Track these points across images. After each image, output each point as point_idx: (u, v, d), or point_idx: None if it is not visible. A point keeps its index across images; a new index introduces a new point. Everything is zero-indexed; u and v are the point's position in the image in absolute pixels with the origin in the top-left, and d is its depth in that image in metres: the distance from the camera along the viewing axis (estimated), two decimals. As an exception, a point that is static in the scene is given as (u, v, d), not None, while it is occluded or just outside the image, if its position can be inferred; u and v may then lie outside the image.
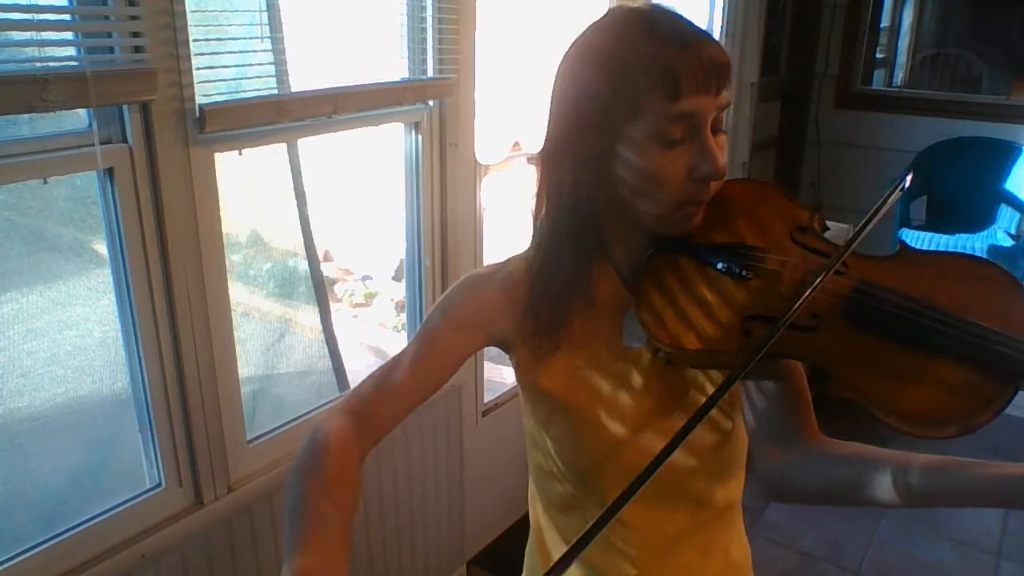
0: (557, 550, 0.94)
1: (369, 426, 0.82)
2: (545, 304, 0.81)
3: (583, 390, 0.83)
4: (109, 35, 1.20)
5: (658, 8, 0.75)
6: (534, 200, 0.84)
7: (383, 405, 0.83)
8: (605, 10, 0.78)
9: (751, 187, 0.81)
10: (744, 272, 0.74)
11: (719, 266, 0.75)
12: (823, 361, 0.68)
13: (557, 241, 0.81)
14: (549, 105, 0.80)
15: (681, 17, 0.74)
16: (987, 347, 0.63)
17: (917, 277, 0.70)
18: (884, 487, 0.71)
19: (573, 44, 0.78)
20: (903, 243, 0.75)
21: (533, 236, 0.85)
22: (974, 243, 3.30)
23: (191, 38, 1.28)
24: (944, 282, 0.69)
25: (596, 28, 0.76)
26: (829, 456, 0.79)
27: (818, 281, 0.68)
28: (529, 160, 2.25)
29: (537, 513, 0.97)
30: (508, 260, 0.88)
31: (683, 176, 0.73)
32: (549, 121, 0.80)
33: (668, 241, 0.78)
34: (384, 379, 0.85)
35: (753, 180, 0.83)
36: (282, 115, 1.45)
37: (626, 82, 0.71)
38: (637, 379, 0.82)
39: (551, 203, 0.81)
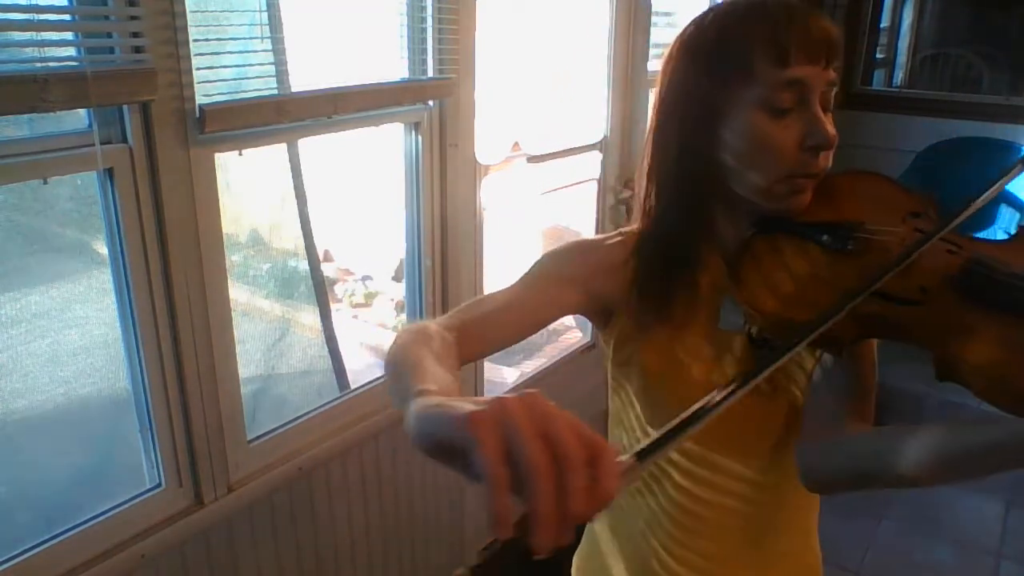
0: (604, 536, 0.94)
1: (465, 348, 0.75)
2: (653, 283, 0.81)
3: (677, 370, 0.82)
4: (109, 35, 1.20)
5: None
6: (642, 178, 0.84)
7: (479, 327, 0.78)
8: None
9: (861, 175, 0.81)
10: (849, 244, 0.73)
11: (823, 238, 0.74)
12: (926, 338, 0.67)
13: (663, 224, 0.81)
14: (662, 73, 0.81)
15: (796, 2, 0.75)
16: None
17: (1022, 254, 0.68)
18: (913, 451, 0.68)
19: (691, 22, 0.79)
20: (1022, 227, 0.73)
21: (642, 216, 0.85)
22: (974, 243, 3.30)
23: (191, 38, 1.28)
24: None
25: (708, 9, 0.78)
26: (865, 433, 0.77)
27: (933, 238, 0.66)
28: (530, 160, 2.25)
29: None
30: (617, 231, 0.88)
31: (793, 145, 0.73)
32: (660, 90, 0.81)
33: (772, 221, 0.77)
34: (479, 307, 0.80)
35: (863, 171, 0.82)
36: (282, 115, 1.45)
37: (736, 51, 0.73)
38: (730, 364, 0.82)
39: (658, 189, 0.82)
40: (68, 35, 1.19)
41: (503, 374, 2.67)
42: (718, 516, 0.85)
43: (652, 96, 0.84)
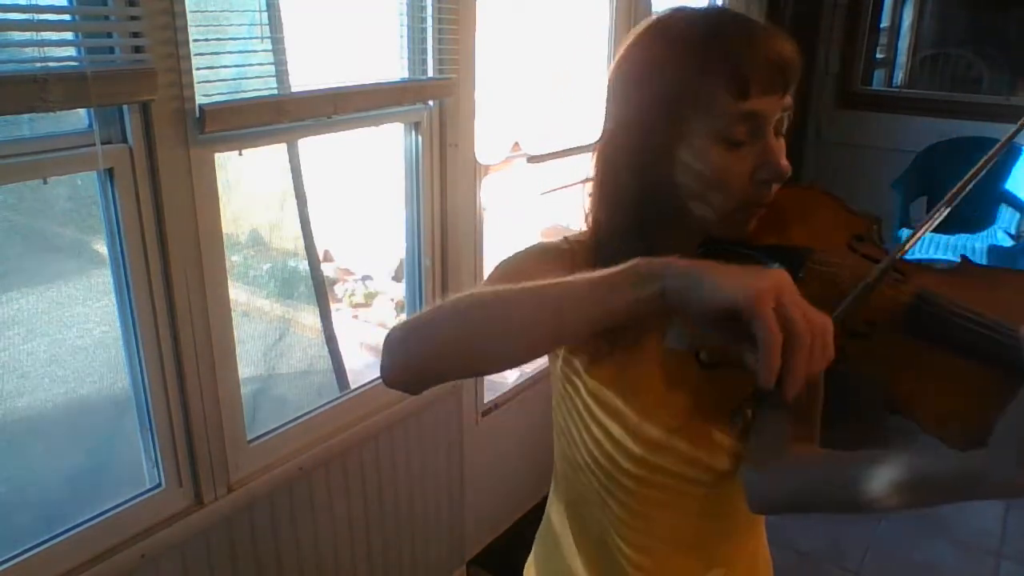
0: (566, 540, 0.94)
1: None
2: None
3: (625, 389, 0.82)
4: (109, 35, 1.20)
5: (727, 9, 0.75)
6: (589, 196, 0.82)
7: None
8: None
9: (806, 193, 0.80)
10: (800, 274, 0.71)
11: (775, 265, 0.72)
12: (873, 370, 0.66)
13: (612, 235, 0.79)
14: (608, 95, 0.78)
15: (750, 20, 0.73)
16: (1010, 345, 0.60)
17: (975, 288, 0.68)
18: (861, 481, 0.67)
19: (641, 35, 0.76)
20: (964, 257, 0.73)
21: (586, 223, 0.84)
22: (974, 243, 3.30)
23: (191, 38, 1.28)
24: (1001, 294, 0.67)
25: (667, 21, 0.74)
26: (813, 459, 0.77)
27: (885, 263, 0.66)
28: (530, 160, 2.25)
29: (552, 501, 0.98)
30: (565, 240, 0.86)
31: (746, 178, 0.72)
32: (608, 113, 0.79)
33: (719, 242, 0.76)
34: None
35: (808, 186, 0.81)
36: (282, 115, 1.45)
37: (696, 77, 0.70)
38: (679, 383, 0.81)
39: (607, 201, 0.80)
40: (68, 35, 1.18)
41: (503, 374, 2.67)
42: (671, 516, 0.86)
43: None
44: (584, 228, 0.85)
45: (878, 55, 4.00)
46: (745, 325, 0.55)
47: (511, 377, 2.58)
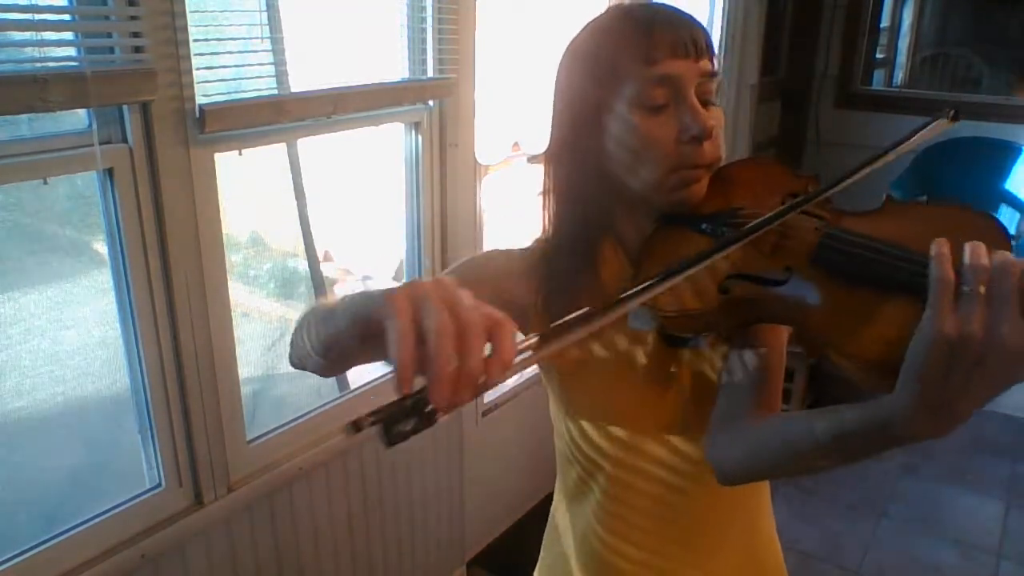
0: (568, 539, 0.95)
1: None
2: (554, 289, 0.83)
3: (590, 371, 0.84)
4: (109, 35, 1.20)
5: (642, 2, 0.79)
6: (541, 198, 0.86)
7: None
8: (604, 7, 0.81)
9: (753, 163, 0.82)
10: (724, 230, 0.74)
11: (703, 226, 0.76)
12: (796, 317, 0.66)
13: (566, 233, 0.83)
14: (552, 108, 0.84)
15: (661, 4, 0.78)
16: (921, 273, 0.57)
17: (891, 223, 0.68)
18: (792, 438, 0.68)
19: (565, 47, 0.82)
20: (889, 196, 0.72)
21: (544, 231, 0.87)
22: (974, 243, 3.29)
23: (191, 38, 1.28)
24: (917, 225, 0.66)
25: (581, 29, 0.81)
26: (756, 423, 0.77)
27: (787, 207, 0.67)
28: (530, 160, 2.25)
29: (555, 501, 1.00)
30: (523, 248, 0.90)
31: (672, 140, 0.75)
32: (551, 122, 0.84)
33: (669, 217, 0.79)
34: None
35: (758, 157, 0.84)
36: (282, 115, 1.45)
37: (605, 60, 0.76)
38: (642, 359, 0.83)
39: (558, 198, 0.84)
40: (68, 35, 1.18)
41: (503, 374, 2.67)
42: (651, 506, 0.87)
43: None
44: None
45: (878, 55, 3.99)
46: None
47: (511, 377, 2.58)
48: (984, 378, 0.52)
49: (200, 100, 1.32)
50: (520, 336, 0.53)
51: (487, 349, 0.48)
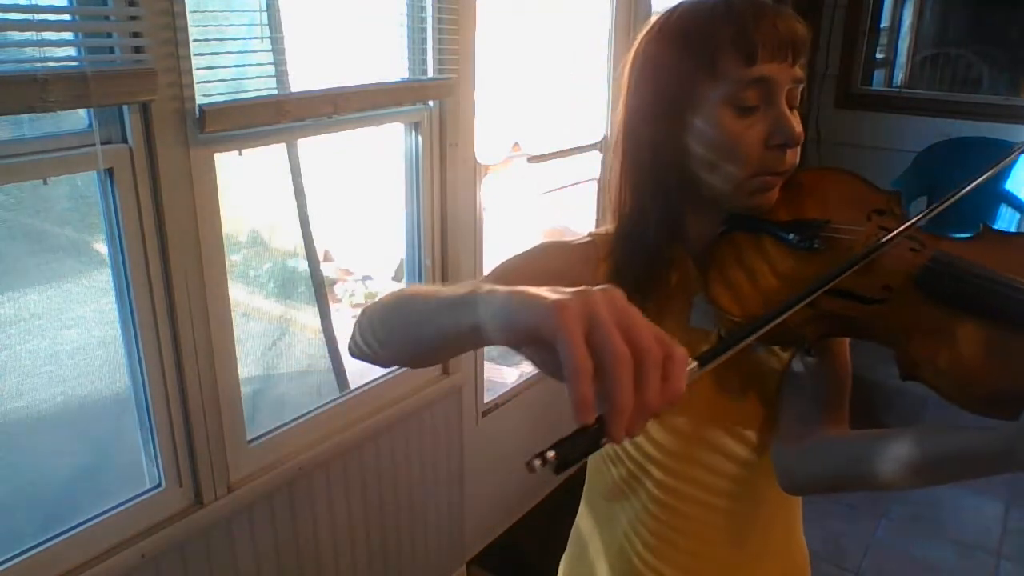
0: (593, 542, 0.94)
1: None
2: (626, 282, 0.80)
3: None
4: (109, 35, 1.20)
5: None
6: (610, 179, 0.83)
7: None
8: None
9: (827, 172, 0.81)
10: (816, 243, 0.73)
11: (790, 237, 0.74)
12: (890, 337, 0.66)
13: (635, 225, 0.81)
14: (625, 82, 0.80)
15: None
16: None
17: (995, 252, 0.67)
18: (886, 458, 0.67)
19: (650, 27, 0.79)
20: (986, 225, 0.72)
21: (614, 218, 0.84)
22: (974, 243, 3.29)
23: (191, 38, 1.28)
24: (1019, 255, 0.66)
25: (672, 8, 0.77)
26: (841, 438, 0.76)
27: (894, 235, 0.65)
28: (530, 160, 2.25)
29: (584, 500, 0.97)
30: (589, 236, 0.87)
31: (759, 144, 0.73)
32: (624, 100, 0.80)
33: (740, 219, 0.77)
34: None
35: (831, 167, 0.82)
36: (282, 115, 1.45)
37: (702, 49, 0.72)
38: (718, 372, 0.80)
39: (628, 190, 0.81)
40: (68, 35, 1.18)
41: (503, 374, 2.67)
42: (699, 513, 0.86)
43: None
44: (607, 225, 0.86)
45: (878, 55, 3.99)
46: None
47: (511, 377, 2.58)
48: None
49: (200, 100, 1.32)
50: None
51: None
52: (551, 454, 0.41)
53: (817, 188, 0.78)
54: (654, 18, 0.79)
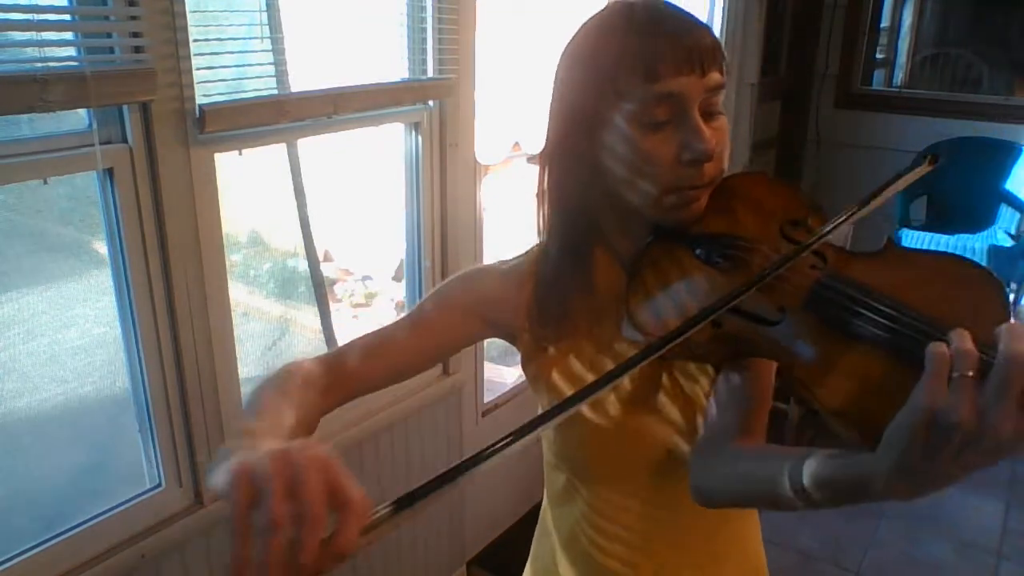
0: (558, 537, 0.95)
1: (340, 380, 0.79)
2: (547, 294, 0.83)
3: (573, 379, 0.83)
4: (109, 35, 1.20)
5: (643, 1, 0.75)
6: (536, 200, 0.84)
7: (364, 366, 0.81)
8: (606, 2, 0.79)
9: (754, 179, 0.79)
10: (718, 259, 0.72)
11: (696, 252, 0.74)
12: (785, 358, 0.64)
13: (558, 238, 0.82)
14: (549, 108, 0.81)
15: (668, 5, 0.73)
16: (912, 336, 0.56)
17: (889, 272, 0.65)
18: (769, 479, 0.64)
19: (565, 46, 0.79)
20: (890, 239, 0.70)
21: (539, 234, 0.86)
22: (974, 243, 3.30)
23: (191, 38, 1.28)
24: (915, 278, 0.64)
25: (582, 27, 0.77)
26: (741, 453, 0.74)
27: (782, 260, 0.64)
28: (529, 160, 2.25)
29: (544, 502, 0.99)
30: (517, 257, 0.89)
31: (672, 159, 0.71)
32: (548, 124, 0.81)
33: (662, 231, 0.77)
34: (369, 345, 0.83)
35: (759, 172, 0.81)
36: (282, 115, 1.45)
37: (606, 71, 0.72)
38: (632, 376, 0.80)
39: (552, 202, 0.82)
40: (68, 35, 1.18)
41: (503, 374, 2.67)
42: (633, 520, 0.86)
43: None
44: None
45: (878, 55, 4.00)
46: None
47: (511, 377, 2.58)
48: (973, 455, 0.49)
49: (200, 100, 1.32)
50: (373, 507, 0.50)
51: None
52: None
53: (742, 194, 0.77)
54: (579, 27, 0.79)
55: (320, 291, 2.10)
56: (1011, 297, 3.20)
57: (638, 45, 0.70)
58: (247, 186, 1.81)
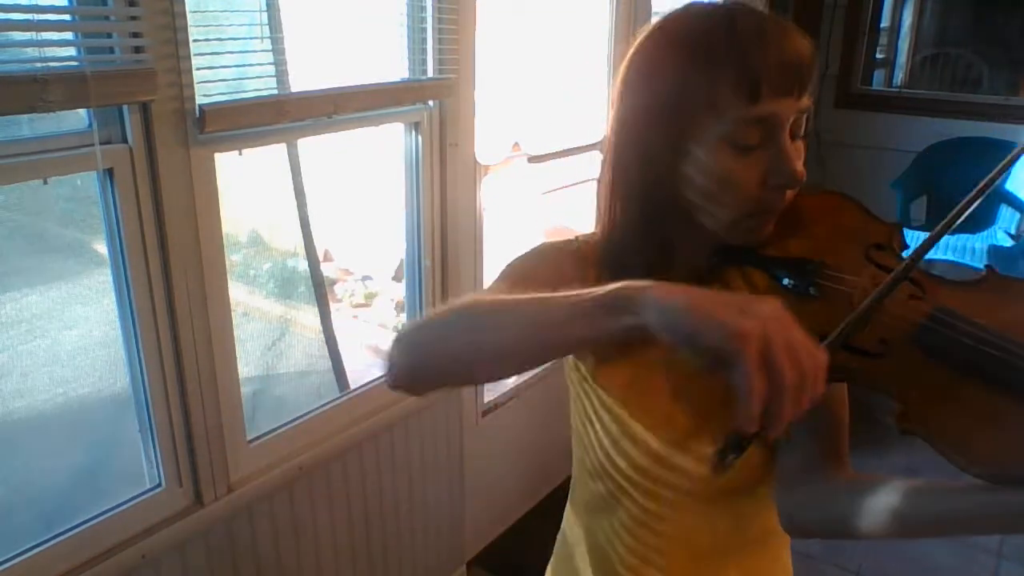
0: (579, 549, 0.93)
1: None
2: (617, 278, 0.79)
3: (635, 394, 0.79)
4: (109, 35, 1.20)
5: (740, 3, 0.70)
6: (600, 187, 0.79)
7: None
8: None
9: (826, 199, 0.76)
10: (811, 290, 0.68)
11: (784, 281, 0.70)
12: (889, 390, 0.62)
13: (627, 238, 0.77)
14: (620, 89, 0.75)
15: (778, 19, 0.69)
16: None
17: (997, 304, 0.63)
18: (880, 509, 0.64)
19: (650, 32, 0.73)
20: (990, 267, 0.68)
21: (598, 222, 0.81)
22: (974, 243, 3.30)
23: (191, 38, 1.28)
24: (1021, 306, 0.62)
25: (676, 18, 0.71)
26: (840, 491, 0.72)
27: (884, 289, 0.62)
28: (530, 160, 2.25)
29: (568, 506, 0.96)
30: (575, 239, 0.84)
31: (757, 183, 0.68)
32: (618, 107, 0.76)
33: (732, 251, 0.73)
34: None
35: (829, 191, 0.77)
36: (282, 115, 1.45)
37: (705, 77, 0.67)
38: (691, 392, 0.77)
39: (617, 198, 0.77)
40: (68, 35, 1.18)
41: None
42: (676, 532, 0.84)
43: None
44: (594, 228, 0.83)
45: (878, 55, 4.00)
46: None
47: (510, 377, 2.58)
48: None
49: (200, 100, 1.32)
50: None
51: None
52: (720, 453, 0.56)
53: (814, 217, 0.74)
54: (652, 23, 0.74)
55: (320, 291, 2.10)
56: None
57: (741, 62, 0.65)
58: (247, 186, 1.81)
